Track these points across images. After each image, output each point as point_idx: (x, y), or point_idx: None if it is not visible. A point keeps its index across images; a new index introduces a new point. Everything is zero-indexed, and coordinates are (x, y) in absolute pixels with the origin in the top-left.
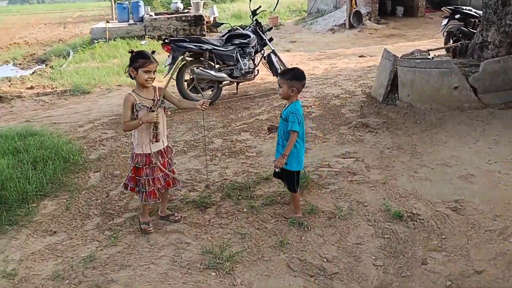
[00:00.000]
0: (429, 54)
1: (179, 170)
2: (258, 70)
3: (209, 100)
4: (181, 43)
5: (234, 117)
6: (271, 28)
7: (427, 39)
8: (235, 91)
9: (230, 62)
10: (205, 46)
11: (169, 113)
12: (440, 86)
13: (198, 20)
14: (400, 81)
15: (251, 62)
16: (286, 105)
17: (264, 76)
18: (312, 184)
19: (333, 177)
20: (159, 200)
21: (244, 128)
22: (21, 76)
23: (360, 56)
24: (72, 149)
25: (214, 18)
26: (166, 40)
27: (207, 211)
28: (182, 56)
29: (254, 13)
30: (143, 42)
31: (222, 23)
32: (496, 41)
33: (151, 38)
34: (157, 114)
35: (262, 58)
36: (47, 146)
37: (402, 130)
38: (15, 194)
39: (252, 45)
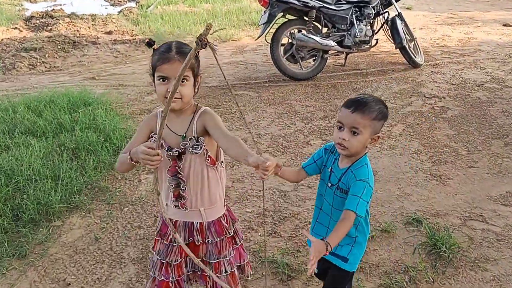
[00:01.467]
0: None
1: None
2: (377, 40)
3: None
4: None
5: (340, 103)
6: None
7: None
8: (343, 62)
9: (342, 26)
10: (312, 3)
11: (217, 164)
12: None
13: None
14: None
15: (369, 27)
16: (348, 162)
17: (380, 43)
18: (459, 255)
19: (493, 245)
20: None
21: None
22: (107, 15)
23: (504, 25)
24: (129, 130)
25: None
26: None
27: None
28: (281, 14)
29: None
30: None
31: None
32: None
33: None
34: (160, 158)
35: (385, 23)
36: (97, 126)
37: None
38: (34, 204)
39: (373, 5)
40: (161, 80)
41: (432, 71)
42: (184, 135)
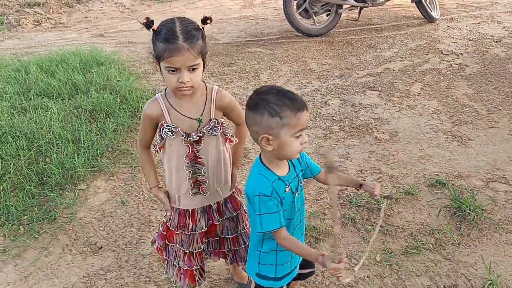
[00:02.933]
0: None
1: None
2: None
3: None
4: None
5: (355, 61)
6: None
7: None
8: (356, 16)
9: None
10: None
11: (234, 142)
12: None
13: None
14: None
15: None
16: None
17: None
18: (484, 217)
19: None
20: (197, 286)
21: (369, 82)
22: None
23: None
24: (145, 90)
25: None
26: None
27: None
28: None
29: None
30: None
31: None
32: None
33: None
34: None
35: None
36: (112, 87)
37: None
38: (58, 168)
39: None
40: (170, 70)
41: (448, 26)
42: (200, 118)
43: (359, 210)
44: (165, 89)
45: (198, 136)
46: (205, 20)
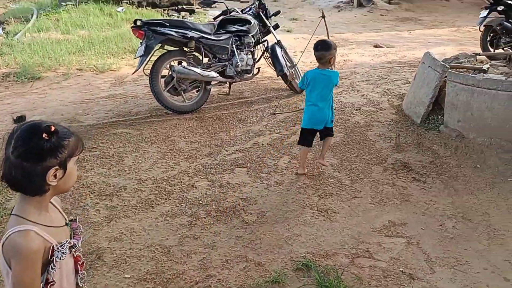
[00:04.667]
0: (482, 64)
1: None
2: (258, 69)
3: None
4: (159, 28)
5: (225, 137)
6: (278, 12)
7: (448, 26)
8: (227, 90)
9: (223, 56)
10: (191, 34)
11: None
12: (508, 116)
13: None
14: (449, 101)
15: (250, 56)
16: None
17: (262, 69)
18: None
19: (380, 284)
20: None
21: (238, 159)
22: None
23: (375, 46)
24: None
25: None
26: (138, 23)
27: None
28: (159, 45)
29: None
30: (119, 9)
31: (213, 1)
32: None
33: (130, 4)
34: None
35: (265, 51)
36: None
37: (459, 180)
38: None
39: (252, 34)
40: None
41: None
42: (67, 221)
43: None
44: (22, 217)
45: (77, 240)
46: (17, 120)
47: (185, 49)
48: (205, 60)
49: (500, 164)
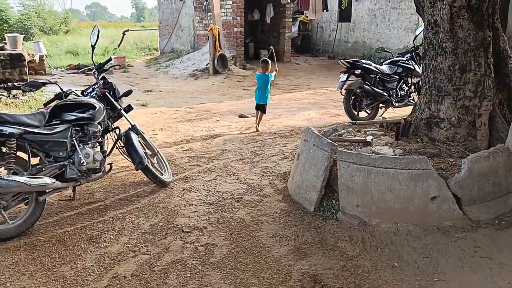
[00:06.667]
0: (365, 135)
1: None
2: (111, 164)
3: None
4: None
5: (69, 273)
6: (130, 91)
7: (304, 89)
8: (71, 194)
9: (60, 153)
10: (9, 130)
11: None
12: (411, 196)
13: (16, 60)
14: (343, 183)
15: (99, 149)
16: None
17: (117, 160)
18: None
19: None
20: None
21: None
22: None
23: (240, 116)
24: None
25: (41, 56)
26: None
27: None
28: None
29: (100, 68)
30: None
31: (43, 83)
32: (452, 118)
33: None
34: None
35: (118, 141)
36: None
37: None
38: None
39: (98, 121)
40: None
41: (184, 189)
42: None
43: None
44: None
45: None
46: None
47: (4, 150)
48: (36, 160)
49: (418, 257)
